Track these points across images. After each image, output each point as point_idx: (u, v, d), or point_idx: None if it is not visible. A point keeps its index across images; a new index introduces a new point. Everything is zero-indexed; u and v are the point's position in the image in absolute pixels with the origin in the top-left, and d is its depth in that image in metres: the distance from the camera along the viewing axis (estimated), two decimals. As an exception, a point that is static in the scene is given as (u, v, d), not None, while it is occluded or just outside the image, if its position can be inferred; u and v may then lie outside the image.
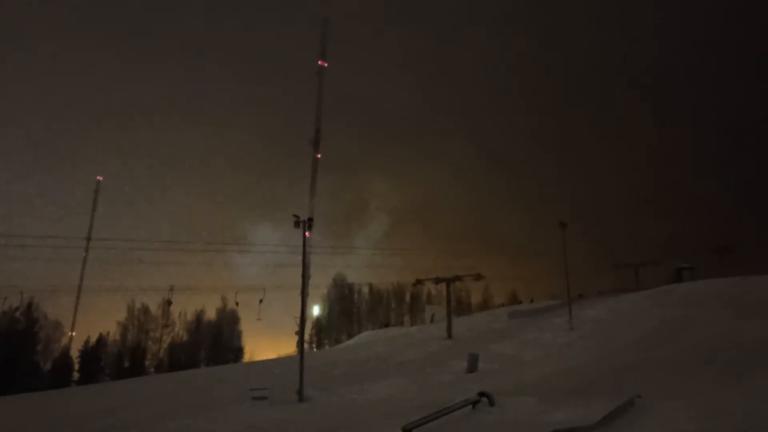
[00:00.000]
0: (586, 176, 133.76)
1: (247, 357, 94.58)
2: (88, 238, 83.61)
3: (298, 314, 34.98)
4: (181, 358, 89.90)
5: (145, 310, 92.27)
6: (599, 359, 30.37)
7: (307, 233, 31.71)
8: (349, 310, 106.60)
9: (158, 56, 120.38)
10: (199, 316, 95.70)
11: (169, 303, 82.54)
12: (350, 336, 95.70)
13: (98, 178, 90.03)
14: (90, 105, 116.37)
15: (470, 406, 17.60)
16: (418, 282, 67.80)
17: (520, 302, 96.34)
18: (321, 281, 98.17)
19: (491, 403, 17.72)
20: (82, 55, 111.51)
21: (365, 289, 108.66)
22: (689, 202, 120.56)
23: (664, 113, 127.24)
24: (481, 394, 18.02)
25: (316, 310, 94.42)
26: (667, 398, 16.55)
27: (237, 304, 77.88)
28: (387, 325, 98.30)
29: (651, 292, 55.11)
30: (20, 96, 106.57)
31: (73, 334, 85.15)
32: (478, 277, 59.30)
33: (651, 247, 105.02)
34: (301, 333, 34.79)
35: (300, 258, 32.69)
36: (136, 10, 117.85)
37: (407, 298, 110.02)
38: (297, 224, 30.93)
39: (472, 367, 33.03)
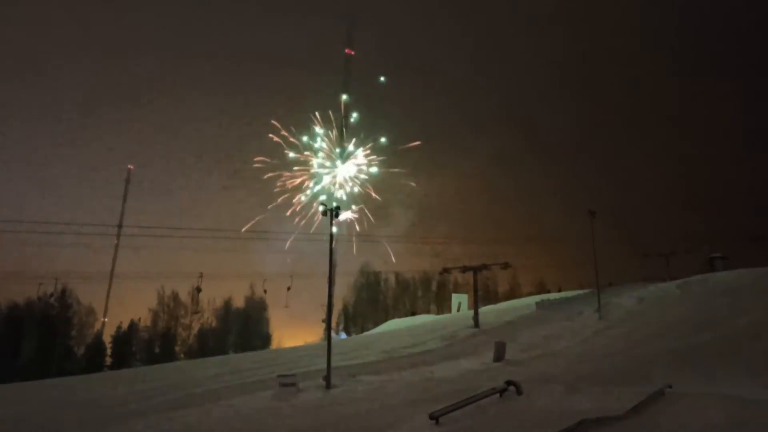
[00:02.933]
0: (615, 165, 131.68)
1: (274, 344, 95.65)
2: (120, 226, 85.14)
3: (325, 302, 35.16)
4: (210, 345, 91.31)
5: (175, 296, 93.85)
6: (628, 348, 30.10)
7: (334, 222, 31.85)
8: (375, 299, 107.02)
9: (184, 45, 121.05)
10: (227, 303, 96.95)
11: (198, 290, 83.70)
12: (376, 324, 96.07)
13: (129, 166, 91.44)
14: (121, 93, 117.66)
15: (497, 395, 17.55)
16: (445, 270, 67.60)
17: (548, 291, 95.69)
18: (348, 269, 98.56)
19: (519, 392, 17.65)
20: (113, 42, 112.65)
21: (392, 278, 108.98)
22: (721, 190, 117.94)
23: (696, 100, 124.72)
24: (509, 383, 17.94)
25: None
26: (699, 388, 16.34)
27: (265, 291, 78.92)
28: (413, 314, 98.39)
29: (682, 282, 54.34)
30: (52, 83, 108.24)
31: (106, 320, 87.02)
32: (506, 265, 58.89)
33: (682, 236, 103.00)
34: (328, 321, 35.09)
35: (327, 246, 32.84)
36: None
37: (434, 286, 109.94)
38: (324, 213, 31.08)
39: (499, 355, 32.97)
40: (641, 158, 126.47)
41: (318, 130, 73.90)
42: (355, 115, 78.33)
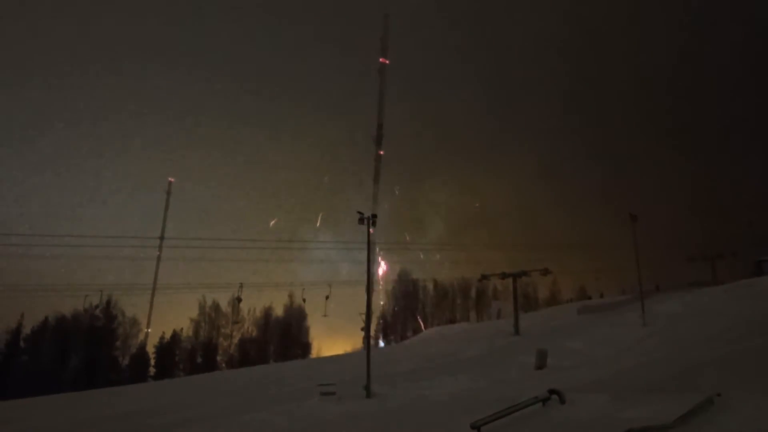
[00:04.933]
0: (658, 168, 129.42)
1: (314, 352, 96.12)
2: (161, 238, 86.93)
3: (364, 310, 35.19)
4: (250, 354, 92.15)
5: (216, 307, 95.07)
6: (674, 355, 29.33)
7: (371, 229, 31.84)
8: (414, 306, 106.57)
9: (223, 64, 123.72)
10: (267, 313, 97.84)
11: (238, 300, 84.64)
12: (415, 332, 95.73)
13: (170, 179, 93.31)
14: (162, 114, 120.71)
15: (540, 404, 17.26)
16: (484, 277, 66.98)
17: (589, 297, 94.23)
18: (386, 277, 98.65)
19: (562, 401, 17.33)
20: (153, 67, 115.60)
21: (430, 285, 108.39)
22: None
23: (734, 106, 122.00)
24: (552, 391, 17.64)
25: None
26: (749, 396, 15.80)
27: (304, 300, 79.45)
28: (453, 321, 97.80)
29: (729, 286, 52.90)
30: (95, 104, 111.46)
31: (149, 330, 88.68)
32: (545, 272, 58.19)
33: (728, 239, 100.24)
34: (367, 329, 35.00)
35: (365, 255, 32.85)
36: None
37: (473, 293, 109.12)
38: (361, 221, 31.10)
39: (541, 363, 32.46)
40: (685, 162, 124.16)
41: None
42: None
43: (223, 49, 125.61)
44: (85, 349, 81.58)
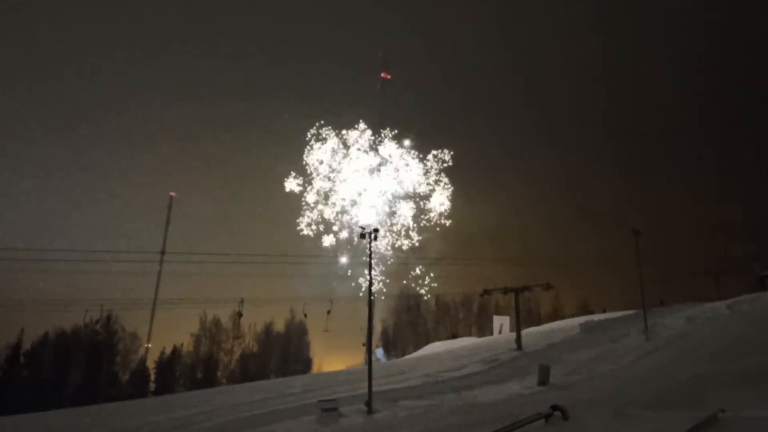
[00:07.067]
0: (662, 183, 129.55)
1: (315, 368, 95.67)
2: (162, 252, 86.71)
3: (365, 325, 35.07)
4: (251, 369, 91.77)
5: (217, 322, 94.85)
6: (678, 371, 29.14)
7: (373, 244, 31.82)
8: (415, 321, 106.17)
9: (223, 76, 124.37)
10: (268, 328, 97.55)
11: (239, 315, 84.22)
12: (417, 347, 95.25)
13: (171, 194, 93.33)
14: (164, 125, 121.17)
15: (543, 420, 17.12)
16: (486, 292, 66.60)
17: (592, 312, 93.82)
18: (388, 292, 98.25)
19: (565, 417, 17.19)
20: (155, 75, 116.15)
21: (432, 300, 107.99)
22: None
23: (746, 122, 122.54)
24: (554, 407, 17.50)
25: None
26: (753, 412, 15.69)
27: (305, 315, 78.89)
28: (454, 336, 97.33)
29: (733, 301, 52.66)
30: (97, 117, 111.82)
31: (149, 345, 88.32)
32: (548, 286, 57.89)
33: (732, 255, 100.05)
34: (368, 344, 34.91)
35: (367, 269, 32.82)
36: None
37: (474, 308, 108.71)
38: (363, 236, 31.15)
39: (544, 378, 32.28)
40: (689, 176, 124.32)
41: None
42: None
43: (225, 58, 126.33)
44: (85, 365, 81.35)
